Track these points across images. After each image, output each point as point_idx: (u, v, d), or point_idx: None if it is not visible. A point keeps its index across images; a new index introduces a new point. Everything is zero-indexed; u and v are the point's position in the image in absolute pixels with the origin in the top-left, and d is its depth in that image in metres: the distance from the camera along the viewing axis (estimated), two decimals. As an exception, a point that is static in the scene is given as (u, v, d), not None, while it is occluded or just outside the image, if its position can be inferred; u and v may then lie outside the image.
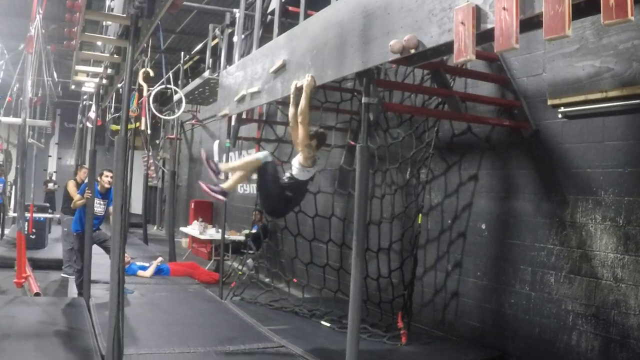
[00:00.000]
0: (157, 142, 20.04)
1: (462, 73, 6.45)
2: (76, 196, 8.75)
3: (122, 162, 4.63)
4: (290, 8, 7.77)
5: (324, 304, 7.99)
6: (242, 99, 7.46)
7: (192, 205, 16.39)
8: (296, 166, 5.82)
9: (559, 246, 5.72)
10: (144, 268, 10.50)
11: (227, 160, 9.30)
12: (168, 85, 10.04)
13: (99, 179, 8.62)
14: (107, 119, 15.69)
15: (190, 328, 6.95)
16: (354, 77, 5.39)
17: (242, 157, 6.37)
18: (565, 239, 5.66)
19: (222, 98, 8.57)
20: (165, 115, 10.18)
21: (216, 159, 9.35)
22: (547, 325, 5.80)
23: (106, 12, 5.65)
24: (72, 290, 8.82)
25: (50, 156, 25.09)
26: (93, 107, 13.61)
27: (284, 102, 7.33)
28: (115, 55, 6.19)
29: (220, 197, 6.15)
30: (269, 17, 7.97)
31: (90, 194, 8.01)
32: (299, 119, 5.60)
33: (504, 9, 3.45)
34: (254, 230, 11.20)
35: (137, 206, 20.80)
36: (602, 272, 5.31)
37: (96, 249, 8.32)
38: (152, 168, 19.51)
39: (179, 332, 6.71)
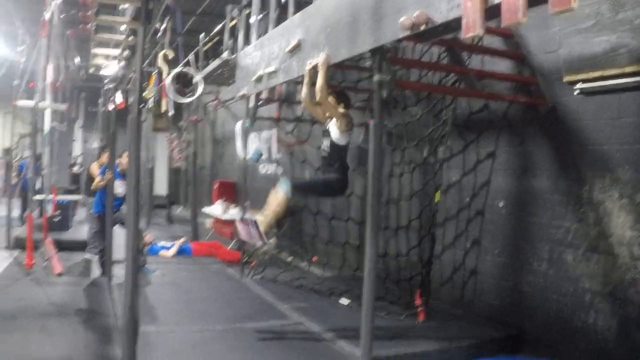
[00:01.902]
0: (181, 124, 20.15)
1: (477, 50, 6.38)
2: (97, 178, 8.87)
3: (135, 142, 4.68)
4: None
5: (343, 282, 8.04)
6: (259, 79, 7.49)
7: (216, 186, 16.50)
8: (335, 133, 5.94)
9: (576, 224, 5.68)
10: (166, 248, 10.64)
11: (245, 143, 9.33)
12: (185, 68, 10.04)
13: (119, 160, 8.73)
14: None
15: (210, 306, 7.07)
16: (370, 55, 5.39)
17: (270, 203, 6.31)
18: (582, 216, 5.62)
19: (240, 78, 8.61)
20: (185, 97, 10.20)
21: (238, 140, 9.39)
22: (564, 303, 5.77)
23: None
24: (95, 271, 8.97)
25: (75, 140, 25.36)
26: (119, 92, 13.78)
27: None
28: (130, 38, 6.24)
29: (260, 242, 6.30)
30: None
31: (111, 175, 8.12)
32: (318, 97, 5.66)
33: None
34: (275, 210, 11.25)
35: (161, 188, 20.97)
36: (620, 250, 5.26)
37: (119, 230, 8.46)
38: (176, 150, 19.64)
39: (198, 310, 6.83)
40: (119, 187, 8.73)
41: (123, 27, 6.55)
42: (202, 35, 11.48)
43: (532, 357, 5.91)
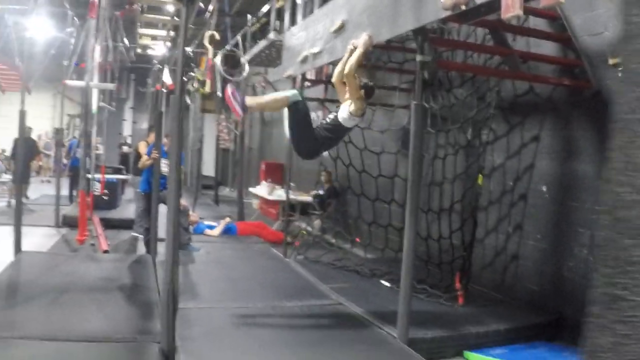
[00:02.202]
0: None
1: (522, 31, 6.28)
2: (144, 157, 9.03)
3: (177, 121, 4.76)
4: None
5: (385, 264, 8.07)
6: (305, 60, 7.54)
7: (263, 166, 16.64)
8: (344, 113, 5.82)
9: (618, 209, 5.57)
10: (211, 227, 10.80)
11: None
12: (232, 48, 10.14)
13: (165, 139, 8.87)
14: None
15: (251, 285, 7.15)
16: (413, 36, 5.35)
17: (272, 94, 6.35)
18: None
19: (286, 59, 8.67)
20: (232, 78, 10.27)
21: (286, 123, 9.43)
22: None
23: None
24: (141, 249, 9.16)
25: (125, 120, 25.84)
26: (166, 71, 13.97)
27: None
28: (175, 18, 6.32)
29: (238, 109, 5.84)
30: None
31: (157, 155, 8.26)
32: (346, 71, 5.59)
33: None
34: (321, 192, 11.33)
35: (210, 169, 21.24)
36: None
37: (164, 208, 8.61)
38: (225, 131, 19.82)
39: (239, 289, 6.92)
40: (165, 167, 8.86)
41: (169, 8, 6.64)
42: (249, 17, 11.58)
43: (569, 344, 5.84)
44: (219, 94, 13.43)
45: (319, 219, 11.34)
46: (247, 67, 9.17)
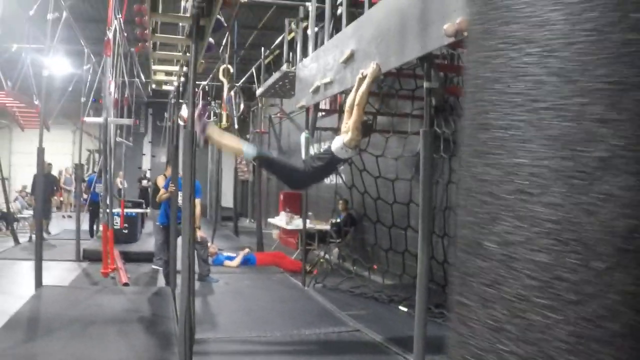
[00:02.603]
0: (247, 136, 20.50)
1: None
2: (162, 190, 9.15)
3: (189, 154, 4.85)
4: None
5: (403, 290, 8.08)
6: (316, 90, 7.62)
7: (282, 197, 16.69)
8: (339, 144, 5.86)
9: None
10: (230, 258, 10.85)
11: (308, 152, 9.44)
12: (246, 82, 10.33)
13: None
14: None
15: (270, 314, 7.19)
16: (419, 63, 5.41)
17: (233, 138, 6.43)
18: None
19: (299, 90, 8.77)
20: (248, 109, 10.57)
21: (303, 151, 9.51)
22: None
23: (181, 13, 5.93)
24: (161, 281, 9.23)
25: (145, 154, 26.18)
26: (184, 105, 14.14)
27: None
28: (187, 54, 6.45)
29: (199, 133, 5.60)
30: (340, 8, 8.06)
31: (174, 188, 8.36)
32: (357, 101, 5.64)
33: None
34: (338, 220, 11.36)
35: (229, 200, 21.36)
36: None
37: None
38: (243, 162, 19.97)
39: (258, 318, 6.96)
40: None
41: (181, 45, 6.79)
42: (263, 49, 11.76)
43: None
44: (236, 126, 13.67)
45: (337, 247, 11.35)
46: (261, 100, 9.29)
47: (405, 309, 7.28)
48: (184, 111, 13.77)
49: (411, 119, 8.72)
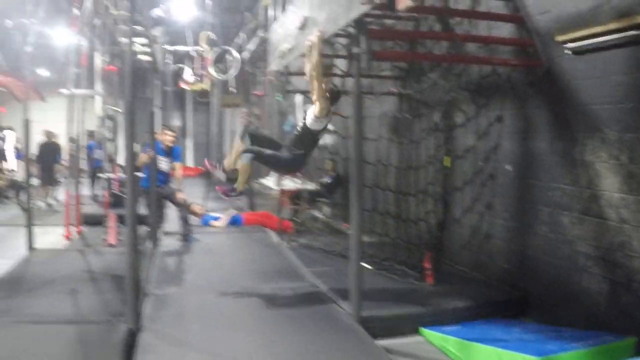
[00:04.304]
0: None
1: (473, 15, 6.39)
2: (141, 155, 9.40)
3: (129, 126, 5.08)
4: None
5: (375, 248, 8.20)
6: (282, 55, 7.76)
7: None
8: (310, 117, 6.07)
9: (570, 186, 5.67)
10: (217, 219, 11.07)
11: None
12: (225, 47, 10.46)
13: (161, 137, 9.25)
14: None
15: (236, 271, 7.46)
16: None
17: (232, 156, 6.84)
18: (575, 178, 5.60)
19: (270, 54, 8.92)
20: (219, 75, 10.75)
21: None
22: (561, 266, 5.80)
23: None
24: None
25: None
26: (185, 69, 14.35)
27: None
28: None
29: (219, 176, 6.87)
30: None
31: (152, 153, 8.64)
32: (313, 73, 5.82)
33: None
34: (327, 180, 11.54)
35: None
36: (609, 213, 5.24)
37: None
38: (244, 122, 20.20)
39: (222, 275, 7.21)
40: (163, 164, 9.26)
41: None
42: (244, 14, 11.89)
43: (534, 320, 5.98)
44: (231, 89, 13.86)
45: (328, 206, 11.55)
46: (237, 64, 9.44)
47: (368, 267, 7.45)
48: (187, 75, 14.04)
49: (381, 79, 8.83)
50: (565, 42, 5.53)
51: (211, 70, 10.35)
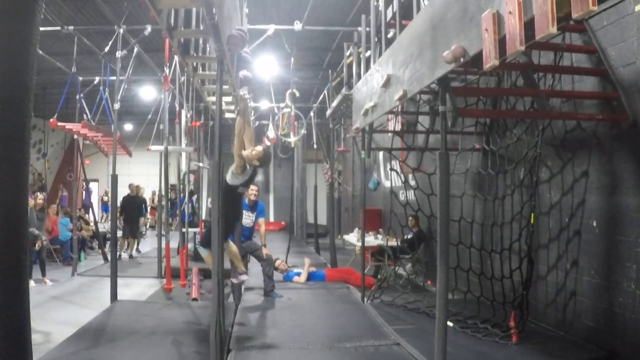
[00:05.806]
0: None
1: (552, 70, 6.37)
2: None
3: (216, 182, 5.28)
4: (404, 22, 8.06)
5: (457, 306, 8.14)
6: (366, 113, 7.92)
7: (361, 213, 16.91)
8: (229, 173, 6.72)
9: (661, 242, 5.51)
10: (299, 274, 11.17)
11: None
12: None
13: (246, 193, 9.49)
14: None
15: (318, 328, 7.48)
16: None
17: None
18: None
19: (354, 112, 9.09)
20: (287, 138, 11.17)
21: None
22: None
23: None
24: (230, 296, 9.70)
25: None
26: (270, 126, 14.79)
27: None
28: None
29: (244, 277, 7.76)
30: (391, 31, 8.29)
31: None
32: (236, 131, 6.53)
33: (509, 13, 3.62)
34: (409, 236, 11.51)
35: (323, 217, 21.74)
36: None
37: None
38: (329, 172, 20.46)
39: (305, 331, 7.27)
40: (247, 218, 9.49)
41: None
42: (330, 72, 12.18)
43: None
44: (318, 146, 14.13)
45: (410, 262, 11.49)
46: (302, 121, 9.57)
47: (451, 324, 7.37)
48: (270, 132, 14.44)
49: (461, 135, 8.85)
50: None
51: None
